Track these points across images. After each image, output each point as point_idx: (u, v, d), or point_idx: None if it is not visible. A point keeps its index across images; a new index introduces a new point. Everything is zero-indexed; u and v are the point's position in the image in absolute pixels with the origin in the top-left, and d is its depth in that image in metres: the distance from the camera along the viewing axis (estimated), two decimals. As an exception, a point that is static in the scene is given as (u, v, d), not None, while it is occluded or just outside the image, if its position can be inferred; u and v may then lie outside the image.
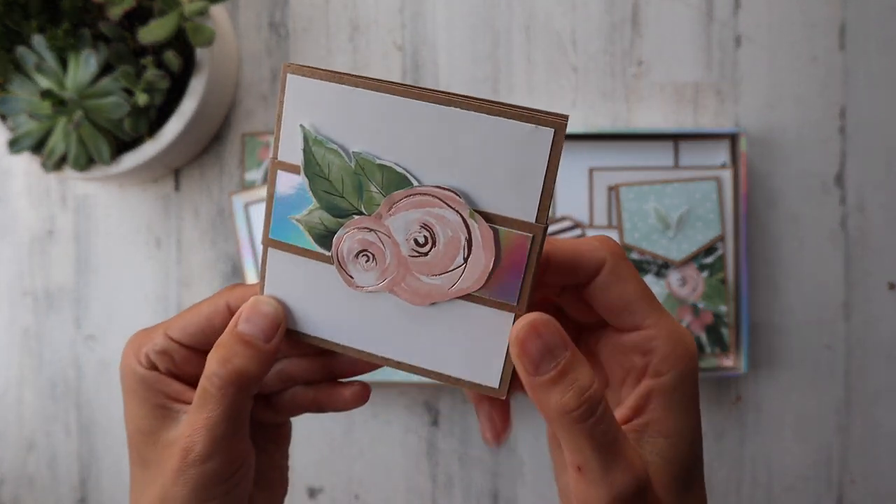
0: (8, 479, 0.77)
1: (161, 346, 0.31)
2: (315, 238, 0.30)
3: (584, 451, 0.27)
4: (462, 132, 0.27)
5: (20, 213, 0.76)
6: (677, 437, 0.30)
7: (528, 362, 0.27)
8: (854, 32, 0.75)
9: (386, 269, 0.29)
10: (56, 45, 0.62)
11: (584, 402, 0.26)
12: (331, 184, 0.29)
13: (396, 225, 0.29)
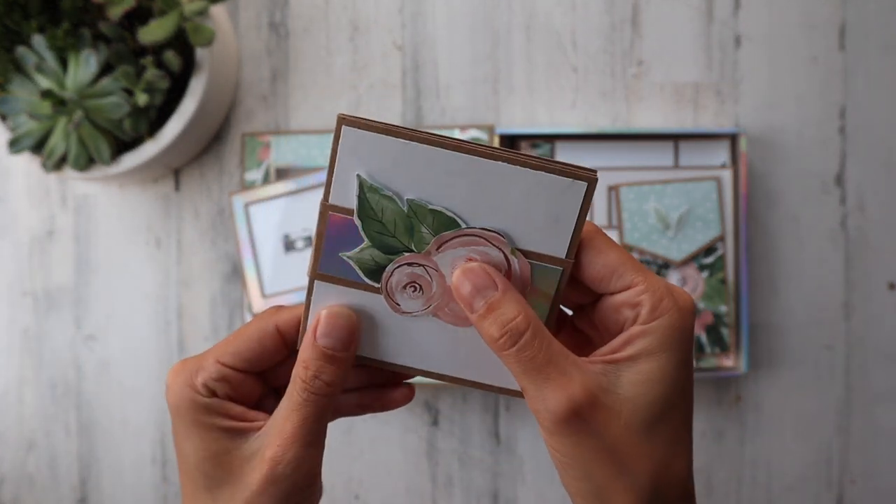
0: (8, 478, 0.77)
1: (218, 374, 0.33)
2: (365, 273, 0.33)
3: (517, 375, 0.30)
4: (507, 183, 0.31)
5: (20, 213, 0.76)
6: (649, 379, 0.30)
7: (464, 302, 0.31)
8: (854, 33, 0.75)
9: (431, 297, 0.33)
10: (56, 45, 0.62)
11: (505, 333, 0.30)
12: (383, 225, 0.32)
13: (444, 261, 0.33)
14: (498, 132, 0.71)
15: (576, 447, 0.30)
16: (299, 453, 0.31)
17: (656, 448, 0.30)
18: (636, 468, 0.30)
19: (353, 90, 0.75)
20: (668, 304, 0.31)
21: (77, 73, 0.63)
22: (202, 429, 0.32)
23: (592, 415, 0.29)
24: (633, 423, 0.30)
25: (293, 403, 0.32)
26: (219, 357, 0.33)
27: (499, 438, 0.76)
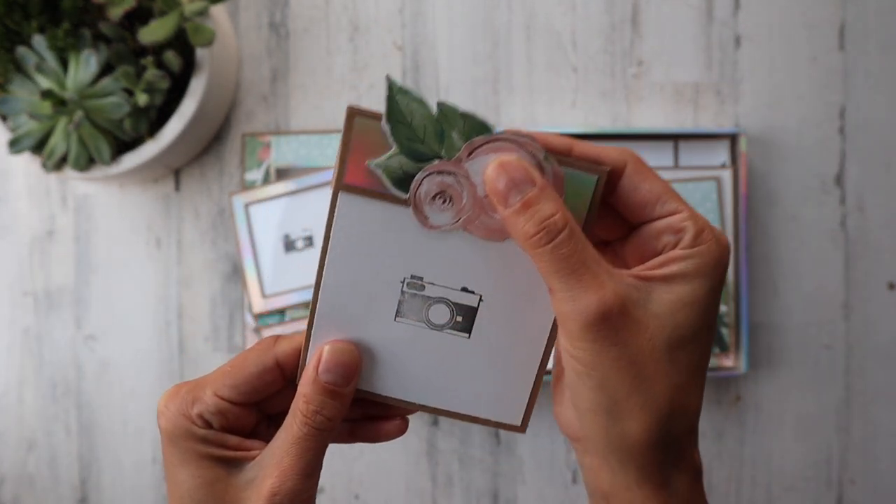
0: (8, 478, 0.77)
1: (215, 407, 0.32)
2: (393, 182, 0.31)
3: (548, 274, 0.29)
4: None
5: (20, 213, 0.76)
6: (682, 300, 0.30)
7: (498, 196, 0.30)
8: (853, 33, 0.75)
9: (462, 209, 0.31)
10: (56, 45, 0.62)
11: (542, 229, 0.29)
12: (413, 130, 0.30)
13: (475, 168, 0.30)
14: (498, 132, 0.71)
15: (598, 354, 0.29)
16: (297, 485, 0.32)
17: (677, 372, 0.30)
18: (654, 387, 0.29)
19: (354, 90, 0.75)
20: (709, 234, 0.30)
21: (77, 74, 0.63)
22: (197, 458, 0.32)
23: (620, 323, 0.28)
24: (658, 341, 0.29)
25: (293, 437, 0.32)
26: (217, 390, 0.33)
27: (499, 438, 0.76)
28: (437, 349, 0.33)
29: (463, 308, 0.33)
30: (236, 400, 0.33)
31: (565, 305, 0.29)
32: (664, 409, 0.30)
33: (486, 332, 0.33)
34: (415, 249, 0.32)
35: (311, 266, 0.71)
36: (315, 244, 0.71)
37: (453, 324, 0.33)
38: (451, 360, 0.33)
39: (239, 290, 0.75)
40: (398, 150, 0.31)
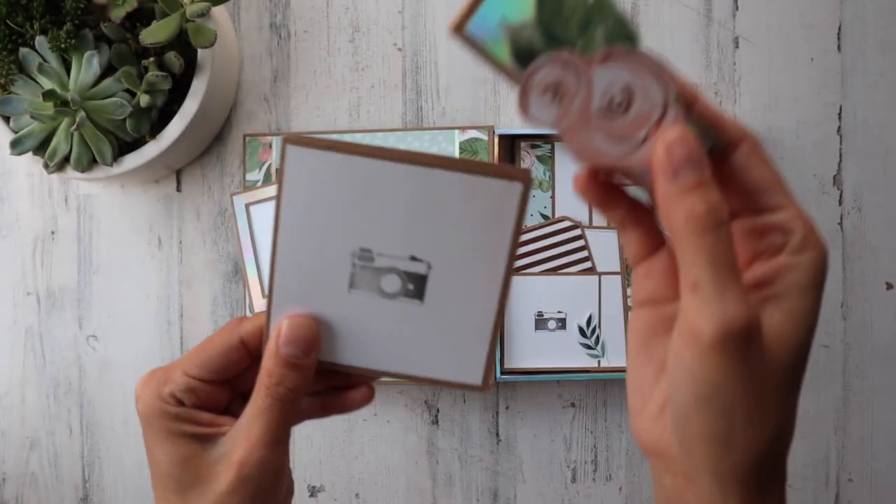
0: (10, 477, 0.77)
1: (185, 385, 0.34)
2: (514, 52, 0.28)
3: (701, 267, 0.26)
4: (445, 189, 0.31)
5: (23, 213, 0.77)
6: (800, 319, 0.27)
7: (669, 166, 0.26)
8: (851, 33, 0.76)
9: (568, 114, 0.28)
10: (58, 46, 0.62)
11: (712, 213, 0.26)
12: (562, 6, 0.27)
13: (602, 77, 0.28)
14: (498, 132, 0.72)
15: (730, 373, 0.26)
16: (265, 455, 0.32)
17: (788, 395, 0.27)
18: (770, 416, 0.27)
19: (354, 91, 0.76)
20: (817, 237, 0.28)
21: (79, 75, 0.64)
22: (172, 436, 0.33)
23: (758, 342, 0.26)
24: (781, 366, 0.27)
25: (258, 409, 0.32)
26: (186, 369, 0.34)
27: (499, 437, 0.76)
28: (393, 317, 0.33)
29: (413, 276, 0.33)
30: (205, 378, 0.34)
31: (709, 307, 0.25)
32: (774, 436, 0.27)
33: (438, 297, 0.33)
34: (362, 219, 0.32)
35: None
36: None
37: (405, 291, 0.33)
38: (408, 326, 0.34)
39: (240, 289, 0.76)
40: (535, 22, 0.27)
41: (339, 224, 0.32)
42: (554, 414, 0.76)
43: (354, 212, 0.32)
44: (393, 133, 0.73)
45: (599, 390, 0.76)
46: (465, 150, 0.72)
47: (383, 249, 0.32)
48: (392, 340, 0.34)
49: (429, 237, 0.32)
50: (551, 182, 0.74)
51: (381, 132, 0.73)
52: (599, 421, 0.76)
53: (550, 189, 0.74)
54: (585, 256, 0.73)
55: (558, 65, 0.28)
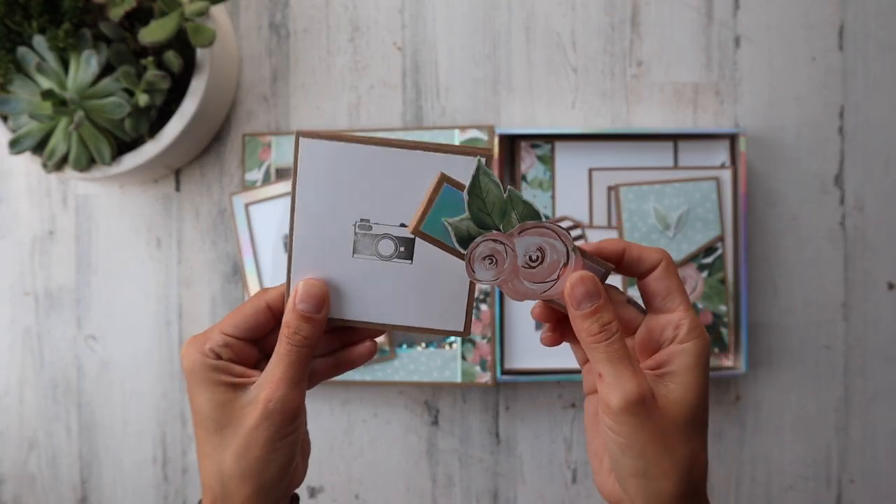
0: (9, 478, 0.77)
1: (222, 342, 0.41)
2: (457, 238, 0.40)
3: (602, 363, 0.38)
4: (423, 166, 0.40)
5: (21, 213, 0.76)
6: (687, 388, 0.39)
7: (573, 300, 0.39)
8: (853, 33, 0.75)
9: (501, 272, 0.40)
10: (57, 45, 0.62)
11: (603, 330, 0.39)
12: (484, 204, 0.39)
13: (521, 244, 0.40)
14: (498, 132, 0.71)
15: (637, 427, 0.38)
16: (286, 393, 0.40)
17: (691, 440, 0.39)
18: (678, 453, 0.38)
19: (354, 91, 0.75)
20: (701, 330, 0.40)
21: (78, 74, 0.64)
22: (211, 384, 0.40)
23: (652, 405, 0.38)
24: (678, 419, 0.38)
25: (279, 356, 0.40)
26: (223, 329, 0.41)
27: (499, 438, 0.76)
28: (389, 276, 0.41)
29: (403, 240, 0.41)
30: (238, 335, 0.41)
31: (612, 389, 0.38)
32: (686, 468, 0.38)
33: (424, 257, 0.41)
34: (361, 195, 0.40)
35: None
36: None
37: (398, 254, 0.41)
38: (401, 284, 0.41)
39: (239, 289, 0.75)
40: (468, 217, 0.39)
41: (343, 201, 0.40)
42: (554, 414, 0.76)
43: (355, 189, 0.40)
44: (393, 133, 0.72)
45: (600, 391, 0.76)
46: (465, 150, 0.72)
47: (379, 219, 0.40)
48: (389, 297, 0.41)
49: (414, 206, 0.40)
50: (551, 182, 0.73)
51: (381, 132, 0.72)
52: (600, 421, 0.76)
53: (550, 189, 0.73)
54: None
55: (490, 242, 0.39)
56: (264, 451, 0.39)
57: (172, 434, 0.76)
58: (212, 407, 0.40)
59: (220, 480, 0.40)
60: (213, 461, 0.40)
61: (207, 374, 0.40)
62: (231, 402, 0.40)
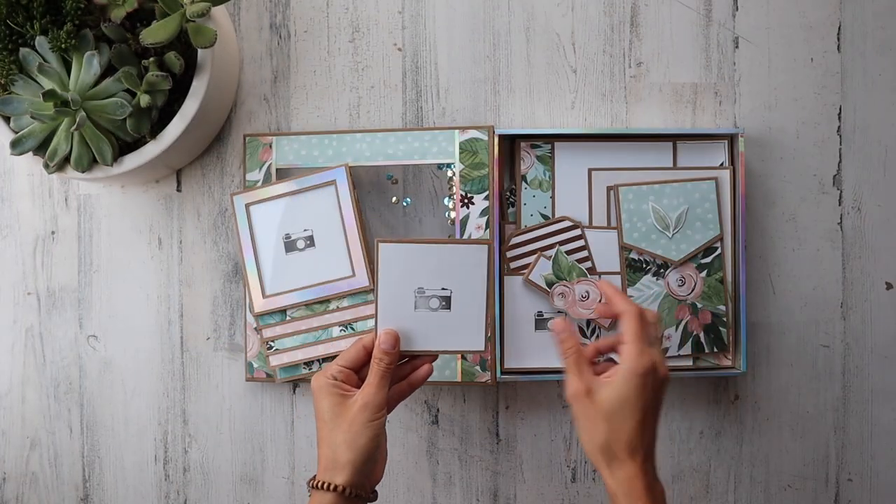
0: (11, 477, 0.77)
1: (337, 371, 0.62)
2: (546, 283, 0.73)
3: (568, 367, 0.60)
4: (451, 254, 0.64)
5: (23, 213, 0.77)
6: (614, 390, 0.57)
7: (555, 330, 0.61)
8: (851, 34, 0.76)
9: (568, 302, 0.72)
10: (59, 46, 0.63)
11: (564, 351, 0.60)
12: (560, 269, 0.73)
13: (578, 288, 0.73)
14: (498, 133, 0.72)
15: (577, 408, 0.58)
16: (375, 395, 0.60)
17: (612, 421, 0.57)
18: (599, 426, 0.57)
19: (354, 91, 0.76)
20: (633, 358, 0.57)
21: (80, 75, 0.64)
22: (330, 395, 0.60)
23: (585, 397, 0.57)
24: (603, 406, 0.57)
25: (372, 374, 0.61)
26: (338, 362, 0.62)
27: (498, 437, 0.76)
28: (437, 320, 0.63)
29: (444, 298, 0.63)
30: (347, 366, 0.62)
31: (566, 387, 0.59)
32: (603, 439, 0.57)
33: (457, 306, 0.63)
34: (417, 273, 0.63)
35: (311, 266, 0.72)
36: (315, 244, 0.72)
37: (441, 306, 0.63)
38: (445, 324, 0.63)
39: (240, 289, 0.76)
40: (553, 273, 0.73)
41: (407, 277, 0.63)
42: (554, 414, 0.76)
43: (413, 270, 0.62)
44: (393, 133, 0.73)
45: (599, 390, 0.76)
46: (464, 150, 0.72)
47: (428, 287, 0.63)
48: (437, 333, 0.64)
49: (450, 277, 0.63)
50: (551, 182, 0.74)
51: (381, 132, 0.73)
52: (599, 421, 0.76)
53: (550, 189, 0.74)
54: (585, 256, 0.73)
55: (561, 286, 0.73)
56: (361, 427, 0.59)
57: (174, 433, 0.76)
58: (329, 408, 0.60)
59: (332, 449, 0.59)
60: (328, 440, 0.59)
61: (329, 388, 0.60)
62: (341, 404, 0.60)
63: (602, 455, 0.56)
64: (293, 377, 0.73)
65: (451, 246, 0.62)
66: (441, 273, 0.62)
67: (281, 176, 0.73)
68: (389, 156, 0.73)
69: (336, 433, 0.59)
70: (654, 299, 0.73)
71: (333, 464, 0.58)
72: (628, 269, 0.73)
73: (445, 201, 0.74)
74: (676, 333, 0.73)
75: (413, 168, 0.74)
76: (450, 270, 0.62)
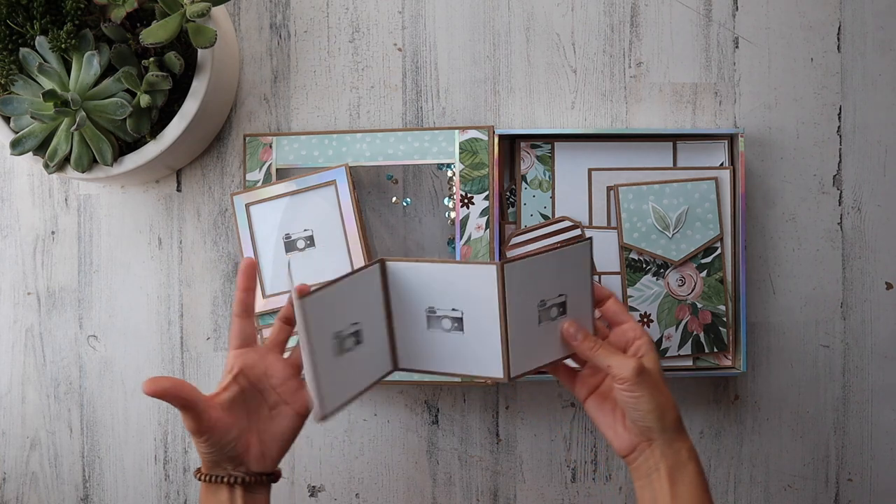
0: (11, 476, 0.77)
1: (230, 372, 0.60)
2: None
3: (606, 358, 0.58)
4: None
5: (23, 213, 0.77)
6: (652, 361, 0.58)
7: (571, 337, 0.59)
8: (851, 34, 0.76)
9: None
10: (59, 46, 0.63)
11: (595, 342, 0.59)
12: None
13: None
14: (498, 133, 0.72)
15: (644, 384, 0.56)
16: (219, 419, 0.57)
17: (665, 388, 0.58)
18: (666, 395, 0.57)
19: (354, 91, 0.76)
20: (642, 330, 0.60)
21: (80, 75, 0.64)
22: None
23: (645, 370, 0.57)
24: (656, 376, 0.57)
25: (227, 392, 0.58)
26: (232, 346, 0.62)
27: (498, 437, 0.76)
28: (450, 341, 0.59)
29: (456, 319, 0.59)
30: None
31: (622, 368, 0.56)
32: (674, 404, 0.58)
33: (471, 328, 0.58)
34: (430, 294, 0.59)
35: (310, 265, 0.72)
36: (315, 244, 0.72)
37: (453, 327, 0.59)
38: (459, 346, 0.59)
39: (240, 289, 0.76)
40: None
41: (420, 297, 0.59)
42: (554, 414, 0.76)
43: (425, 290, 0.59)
44: (393, 133, 0.73)
45: (599, 390, 0.76)
46: (464, 150, 0.72)
47: (440, 307, 0.59)
48: (451, 355, 0.59)
49: (460, 298, 0.58)
50: (551, 182, 0.74)
51: (381, 132, 0.73)
52: (599, 421, 0.76)
53: (550, 189, 0.74)
54: (585, 256, 0.73)
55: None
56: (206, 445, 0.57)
57: (174, 433, 0.76)
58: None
59: None
60: None
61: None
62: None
63: (679, 423, 0.58)
64: (293, 377, 0.73)
65: (462, 266, 0.57)
66: (453, 293, 0.58)
67: (281, 176, 0.73)
68: (389, 156, 0.73)
69: None
70: (654, 299, 0.73)
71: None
72: (628, 269, 0.73)
73: (445, 201, 0.74)
74: (676, 333, 0.73)
75: (413, 168, 0.74)
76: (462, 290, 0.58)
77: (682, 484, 0.57)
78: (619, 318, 0.61)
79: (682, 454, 0.57)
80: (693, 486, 0.57)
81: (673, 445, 0.57)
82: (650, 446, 0.58)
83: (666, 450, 0.57)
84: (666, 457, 0.57)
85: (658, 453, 0.57)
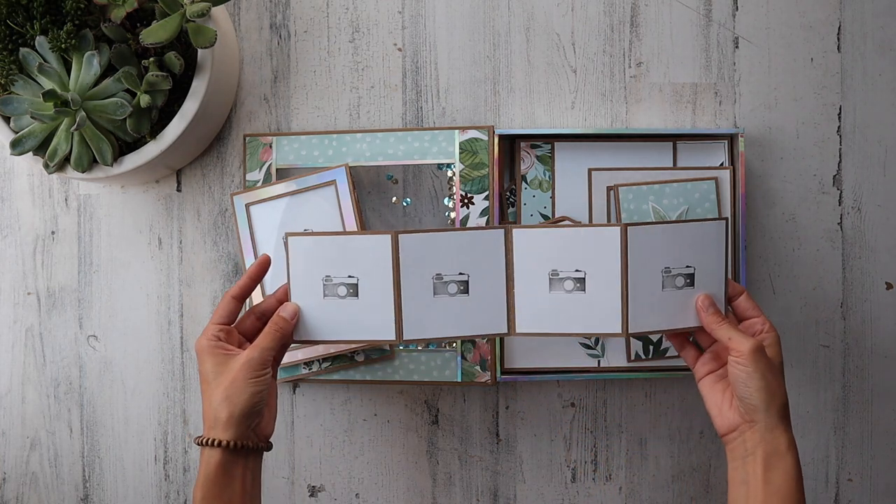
0: (11, 477, 0.77)
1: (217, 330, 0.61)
2: None
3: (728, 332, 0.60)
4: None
5: (23, 213, 0.77)
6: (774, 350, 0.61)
7: (703, 308, 0.61)
8: (851, 34, 0.76)
9: None
10: (59, 46, 0.63)
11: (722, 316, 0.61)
12: None
13: None
14: (498, 133, 0.72)
15: (760, 362, 0.58)
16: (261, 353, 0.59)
17: (781, 377, 0.60)
18: (779, 381, 0.59)
19: (354, 91, 0.76)
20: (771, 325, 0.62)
21: (80, 75, 0.64)
22: (213, 355, 0.60)
23: (764, 351, 0.59)
24: (775, 361, 0.60)
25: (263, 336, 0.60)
26: (215, 321, 0.62)
27: (498, 437, 0.76)
28: (456, 305, 0.63)
29: (462, 283, 0.62)
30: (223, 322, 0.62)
31: (741, 343, 0.58)
32: (784, 392, 0.60)
33: (476, 290, 0.63)
34: (437, 258, 0.62)
35: (311, 266, 0.72)
36: (316, 244, 0.72)
37: (459, 291, 0.63)
38: (465, 308, 0.63)
39: (240, 289, 0.76)
40: None
41: (428, 263, 0.62)
42: (554, 414, 0.76)
43: (432, 255, 0.62)
44: (393, 133, 0.73)
45: (599, 390, 0.76)
46: (464, 150, 0.72)
47: (445, 272, 0.62)
48: (457, 318, 0.63)
49: (465, 262, 0.62)
50: (551, 182, 0.74)
51: (381, 132, 0.73)
52: (599, 421, 0.76)
53: (550, 189, 0.74)
54: (585, 256, 0.73)
55: None
56: (243, 383, 0.58)
57: (174, 433, 0.76)
58: (213, 367, 0.60)
59: (213, 407, 0.59)
60: (210, 398, 0.59)
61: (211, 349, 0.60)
62: (224, 363, 0.60)
63: (785, 413, 0.59)
64: (293, 377, 0.73)
65: (470, 232, 0.62)
66: (459, 258, 0.61)
67: (281, 176, 0.73)
68: (389, 156, 0.73)
69: (217, 391, 0.58)
70: (654, 299, 0.73)
71: (215, 422, 0.58)
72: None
73: (445, 201, 0.74)
74: (676, 333, 0.73)
75: (413, 168, 0.74)
76: (467, 255, 0.61)
77: (777, 471, 0.58)
78: (749, 312, 0.62)
79: (782, 443, 0.58)
80: (787, 477, 0.57)
81: (773, 432, 0.58)
82: (751, 428, 0.58)
83: (766, 434, 0.58)
84: (765, 441, 0.58)
85: (757, 437, 0.58)
